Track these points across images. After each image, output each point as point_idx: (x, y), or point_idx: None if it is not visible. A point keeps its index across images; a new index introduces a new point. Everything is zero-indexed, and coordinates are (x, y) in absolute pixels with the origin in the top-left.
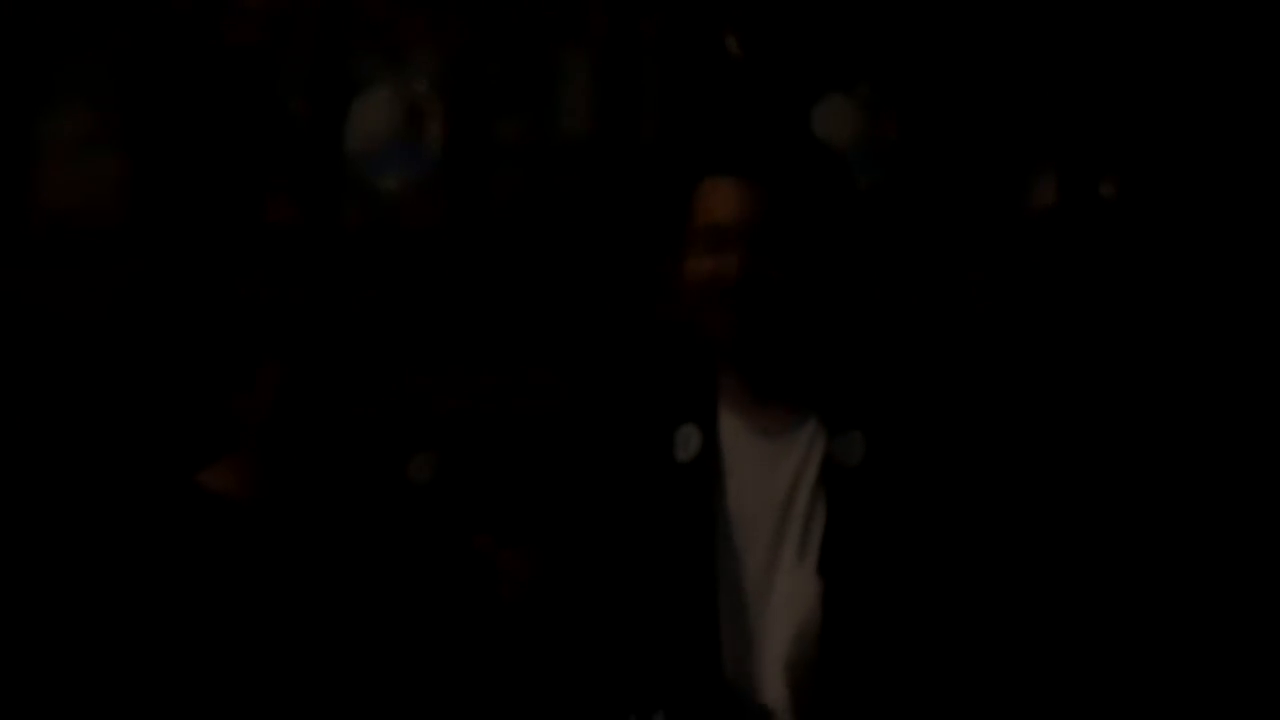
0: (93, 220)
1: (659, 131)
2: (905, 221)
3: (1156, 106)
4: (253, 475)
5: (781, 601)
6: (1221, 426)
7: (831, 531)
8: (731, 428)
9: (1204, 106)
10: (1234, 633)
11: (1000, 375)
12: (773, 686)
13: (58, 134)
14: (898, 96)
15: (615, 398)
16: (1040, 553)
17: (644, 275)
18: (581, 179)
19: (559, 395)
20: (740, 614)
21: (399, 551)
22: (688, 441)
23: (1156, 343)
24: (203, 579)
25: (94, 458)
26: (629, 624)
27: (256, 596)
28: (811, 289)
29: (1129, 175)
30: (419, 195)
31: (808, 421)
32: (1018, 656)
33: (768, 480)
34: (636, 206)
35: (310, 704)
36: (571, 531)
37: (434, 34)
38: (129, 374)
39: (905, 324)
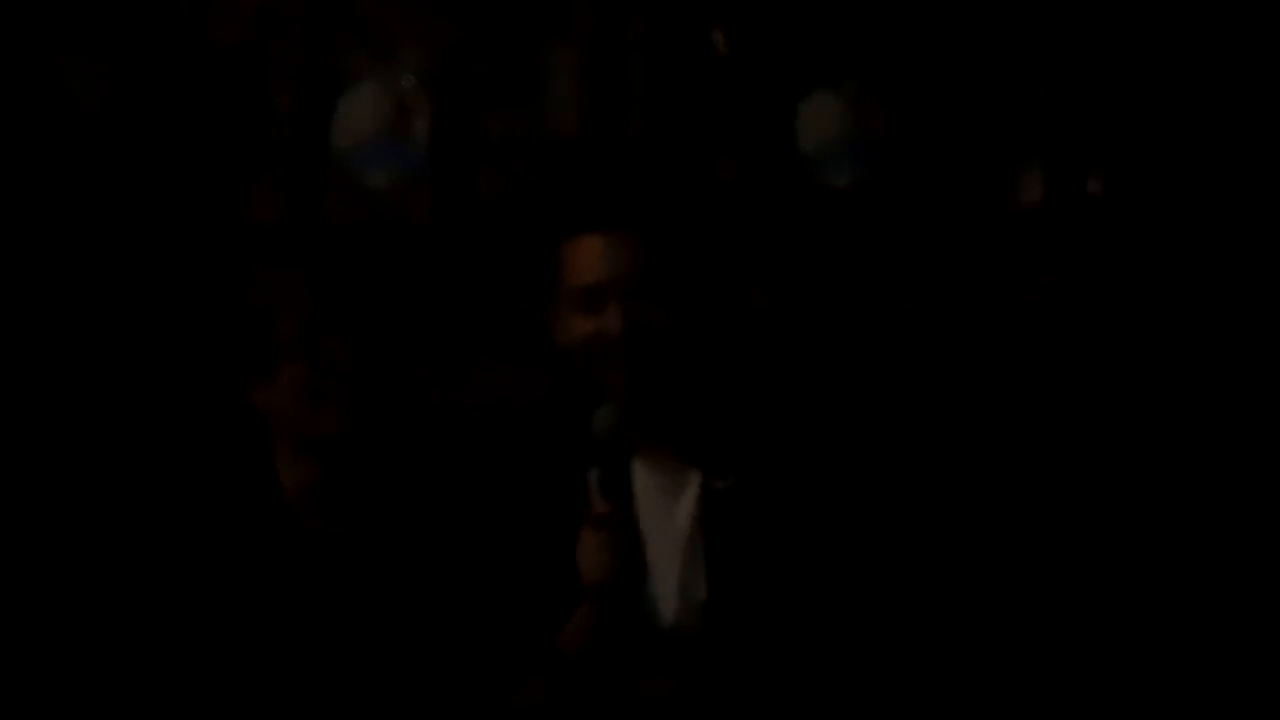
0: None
1: (646, 128)
2: (891, 217)
3: (1143, 103)
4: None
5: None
6: (1209, 423)
7: (713, 551)
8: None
9: (1191, 103)
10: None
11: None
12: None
13: None
14: (884, 93)
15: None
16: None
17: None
18: (569, 175)
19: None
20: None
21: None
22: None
23: (1144, 339)
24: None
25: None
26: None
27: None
28: (694, 331)
29: (1116, 171)
30: (406, 192)
31: (691, 462)
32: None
33: (669, 509)
34: (624, 203)
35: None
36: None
37: (421, 30)
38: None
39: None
